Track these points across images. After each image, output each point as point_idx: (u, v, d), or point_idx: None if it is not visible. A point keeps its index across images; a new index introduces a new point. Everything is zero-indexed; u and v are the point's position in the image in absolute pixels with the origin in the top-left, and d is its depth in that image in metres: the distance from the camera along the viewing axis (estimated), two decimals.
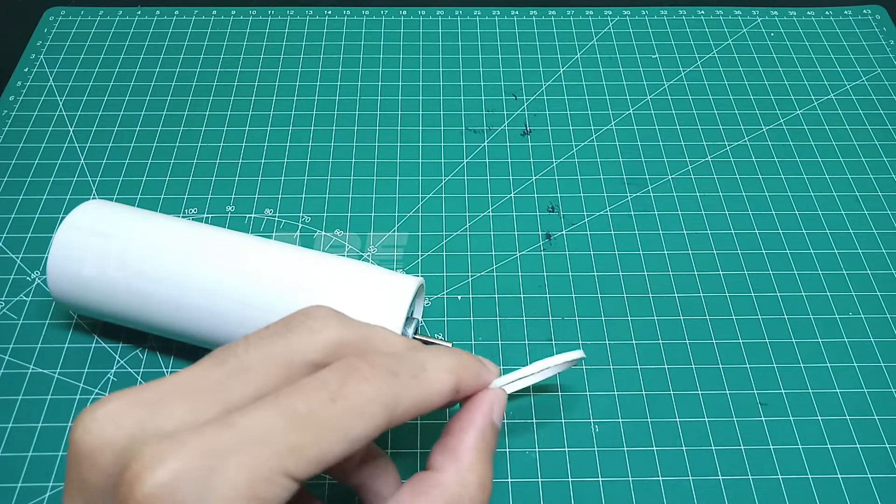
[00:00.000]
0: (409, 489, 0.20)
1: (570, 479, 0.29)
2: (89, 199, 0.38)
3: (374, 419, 0.19)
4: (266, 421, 0.17)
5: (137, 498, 0.16)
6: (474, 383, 0.22)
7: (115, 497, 0.16)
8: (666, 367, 0.32)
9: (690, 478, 0.29)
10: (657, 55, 0.46)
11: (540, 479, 0.29)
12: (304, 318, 0.21)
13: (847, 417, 0.31)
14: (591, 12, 0.49)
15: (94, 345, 0.33)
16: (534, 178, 0.40)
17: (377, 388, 0.19)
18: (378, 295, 0.28)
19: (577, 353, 0.27)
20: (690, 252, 0.36)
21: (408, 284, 0.29)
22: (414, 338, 0.30)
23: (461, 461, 0.21)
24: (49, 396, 0.31)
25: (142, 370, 0.32)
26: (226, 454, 0.17)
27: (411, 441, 0.30)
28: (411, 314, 0.30)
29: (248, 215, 0.38)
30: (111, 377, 0.32)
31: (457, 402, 0.23)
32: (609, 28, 0.48)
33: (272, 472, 0.17)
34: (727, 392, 0.31)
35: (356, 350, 0.21)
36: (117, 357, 0.32)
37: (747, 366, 0.32)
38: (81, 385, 0.31)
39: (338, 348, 0.20)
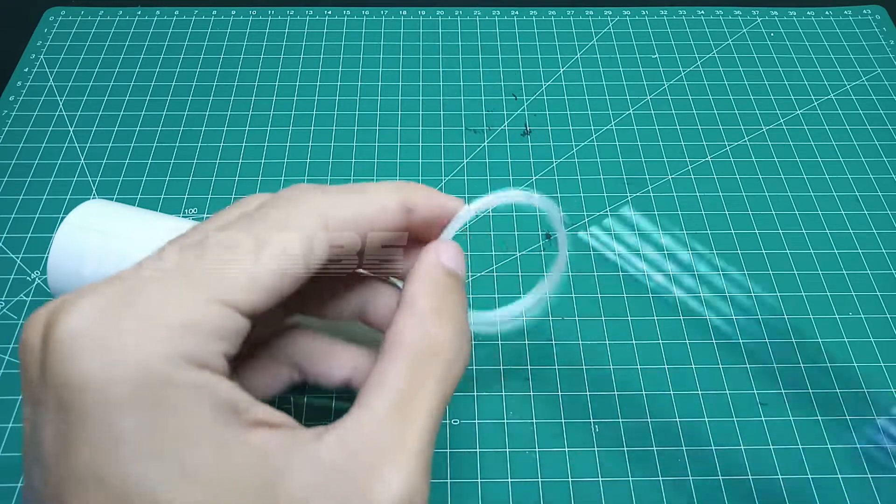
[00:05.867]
0: (379, 357, 0.19)
1: (570, 479, 0.29)
2: (89, 199, 0.38)
3: (303, 230, 0.18)
4: (181, 258, 0.17)
5: (52, 349, 0.15)
6: (427, 202, 0.20)
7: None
8: (666, 367, 0.32)
9: (690, 478, 0.29)
10: (657, 55, 0.46)
11: (540, 479, 0.29)
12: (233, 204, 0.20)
13: (847, 417, 0.31)
14: (591, 12, 0.49)
15: None
16: (534, 178, 0.40)
17: (302, 198, 0.18)
18: None
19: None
20: (690, 252, 0.36)
21: None
22: None
23: (414, 309, 0.19)
24: None
25: None
26: (138, 289, 0.16)
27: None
28: None
29: None
30: None
31: (422, 236, 0.21)
32: (609, 28, 0.48)
33: (196, 299, 0.16)
34: (727, 392, 0.31)
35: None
36: None
37: (747, 366, 0.32)
38: None
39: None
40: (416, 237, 0.21)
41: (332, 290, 0.22)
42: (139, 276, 0.16)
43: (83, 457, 0.15)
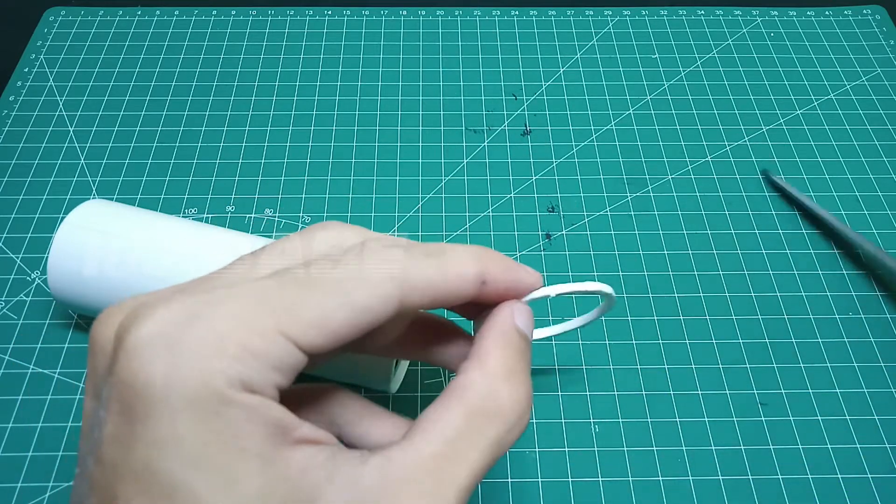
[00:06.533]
0: (437, 400, 0.19)
1: (570, 479, 0.29)
2: (89, 199, 0.38)
3: (378, 286, 0.18)
4: (259, 282, 0.17)
5: (124, 350, 0.16)
6: (504, 276, 0.20)
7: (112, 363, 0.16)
8: (666, 367, 0.32)
9: (690, 478, 0.29)
10: (657, 55, 0.46)
11: (540, 479, 0.29)
12: (318, 227, 0.20)
13: (847, 417, 0.31)
14: (591, 12, 0.49)
15: None
16: (534, 178, 0.40)
17: (384, 256, 0.18)
18: None
19: (606, 288, 0.24)
20: (690, 252, 0.36)
21: None
22: None
23: (485, 365, 0.19)
24: (49, 396, 0.31)
25: None
26: (213, 304, 0.16)
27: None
28: None
29: (248, 215, 0.38)
30: None
31: (490, 302, 0.21)
32: (609, 28, 0.48)
33: (266, 328, 0.16)
34: (727, 392, 0.31)
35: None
36: None
37: (747, 366, 0.32)
38: (81, 385, 0.31)
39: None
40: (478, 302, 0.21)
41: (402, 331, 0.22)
42: (217, 290, 0.17)
43: (138, 453, 0.15)
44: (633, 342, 0.33)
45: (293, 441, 0.17)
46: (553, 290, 0.22)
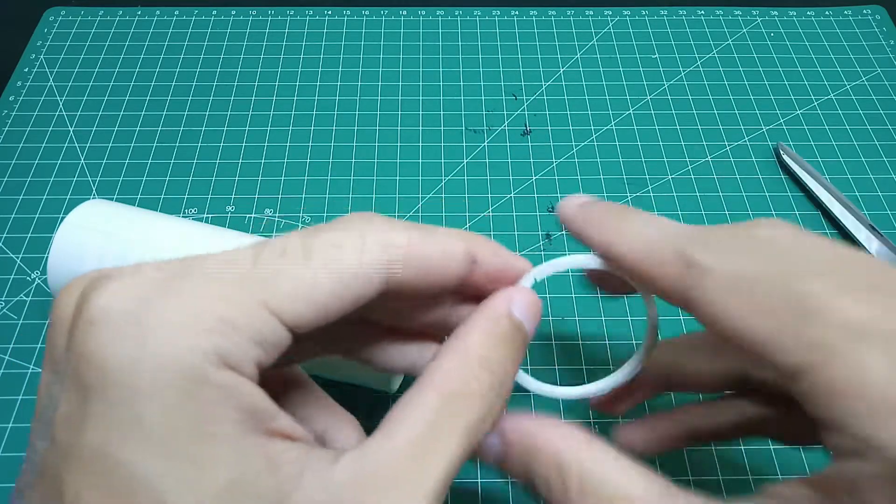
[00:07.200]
0: (413, 386, 0.18)
1: None
2: (89, 199, 0.38)
3: (366, 253, 0.17)
4: (236, 253, 0.16)
5: (83, 322, 0.15)
6: (493, 260, 0.20)
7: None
8: None
9: (690, 478, 0.29)
10: (657, 55, 0.46)
11: None
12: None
13: None
14: (591, 12, 0.49)
15: None
16: (534, 178, 0.40)
17: (370, 226, 0.18)
18: None
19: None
20: None
21: None
22: None
23: (464, 352, 0.18)
24: None
25: None
26: (184, 277, 0.15)
27: None
28: None
29: (248, 215, 0.38)
30: None
31: (483, 289, 0.20)
32: (609, 28, 0.48)
33: (245, 299, 0.15)
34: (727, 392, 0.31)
35: None
36: None
37: None
38: None
39: None
40: (470, 292, 0.21)
41: (391, 340, 0.21)
42: (188, 266, 0.16)
43: (94, 438, 0.14)
44: (634, 342, 0.33)
45: (268, 431, 0.15)
46: (539, 272, 0.21)
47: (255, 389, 0.15)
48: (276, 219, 0.37)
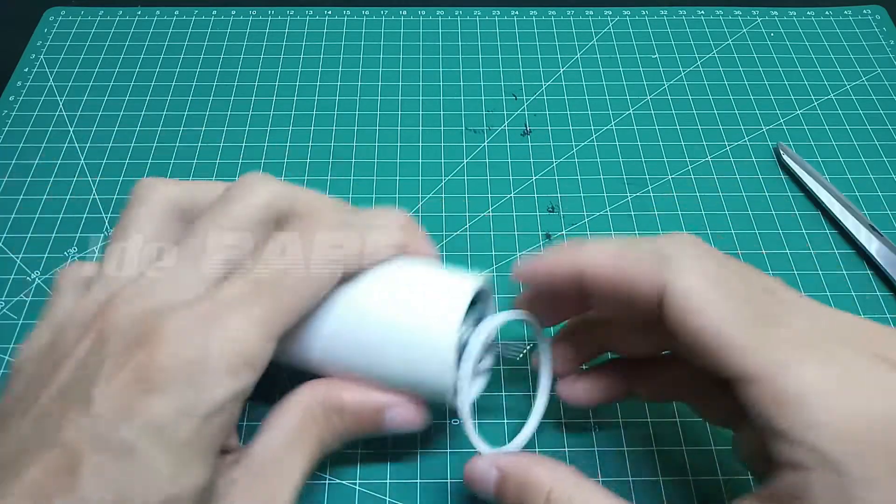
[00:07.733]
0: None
1: None
2: (89, 199, 0.38)
3: (327, 279, 0.22)
4: (237, 287, 0.20)
5: (153, 332, 0.18)
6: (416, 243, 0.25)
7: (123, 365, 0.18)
8: None
9: (690, 478, 0.29)
10: (657, 55, 0.46)
11: None
12: (237, 187, 0.23)
13: None
14: (591, 12, 0.49)
15: None
16: (534, 178, 0.40)
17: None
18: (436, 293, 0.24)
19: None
20: None
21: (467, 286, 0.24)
22: None
23: (273, 435, 0.22)
24: None
25: None
26: (220, 311, 0.19)
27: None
28: (480, 318, 0.26)
29: None
30: None
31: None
32: (609, 28, 0.48)
33: (258, 335, 0.19)
34: None
35: (291, 201, 0.23)
36: None
37: None
38: None
39: (274, 202, 0.23)
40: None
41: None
42: (218, 300, 0.20)
43: (107, 392, 0.18)
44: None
45: (223, 446, 0.20)
46: (471, 356, 0.24)
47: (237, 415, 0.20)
48: None
